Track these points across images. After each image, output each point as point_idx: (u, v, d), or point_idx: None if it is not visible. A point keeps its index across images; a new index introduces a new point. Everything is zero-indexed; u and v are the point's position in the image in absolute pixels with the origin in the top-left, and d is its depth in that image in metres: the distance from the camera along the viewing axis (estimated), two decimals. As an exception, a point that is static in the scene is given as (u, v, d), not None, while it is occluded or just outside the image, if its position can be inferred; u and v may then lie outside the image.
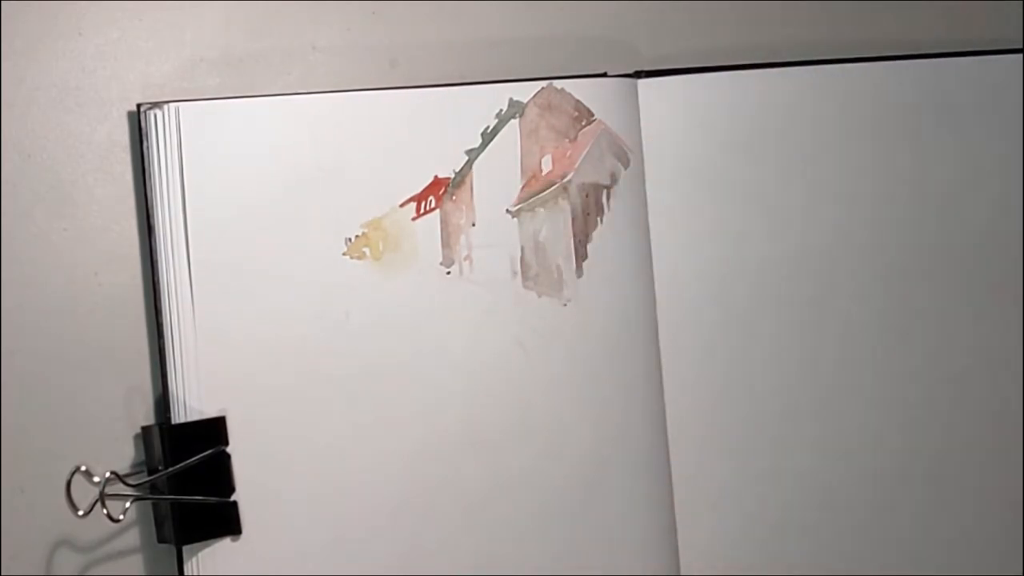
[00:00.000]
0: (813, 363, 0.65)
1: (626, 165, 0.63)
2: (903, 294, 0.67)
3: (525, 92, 0.62)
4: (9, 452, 0.57)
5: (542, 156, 0.62)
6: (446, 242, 0.60)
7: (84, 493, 0.54)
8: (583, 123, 0.62)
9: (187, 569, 0.56)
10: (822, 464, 0.66)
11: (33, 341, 0.57)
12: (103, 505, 0.54)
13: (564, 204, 0.62)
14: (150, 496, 0.56)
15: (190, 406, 0.56)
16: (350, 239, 0.59)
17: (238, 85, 0.60)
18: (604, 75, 0.63)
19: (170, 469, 0.55)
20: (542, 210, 0.62)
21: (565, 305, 0.62)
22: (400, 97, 0.60)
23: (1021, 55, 0.68)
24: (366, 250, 0.59)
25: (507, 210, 0.61)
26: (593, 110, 0.63)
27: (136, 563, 0.58)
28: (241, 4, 0.61)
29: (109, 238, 0.58)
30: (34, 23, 0.58)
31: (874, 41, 0.69)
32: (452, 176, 0.60)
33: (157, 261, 0.57)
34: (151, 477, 0.56)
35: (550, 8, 0.65)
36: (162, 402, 0.57)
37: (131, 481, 0.56)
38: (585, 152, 0.62)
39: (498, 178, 0.61)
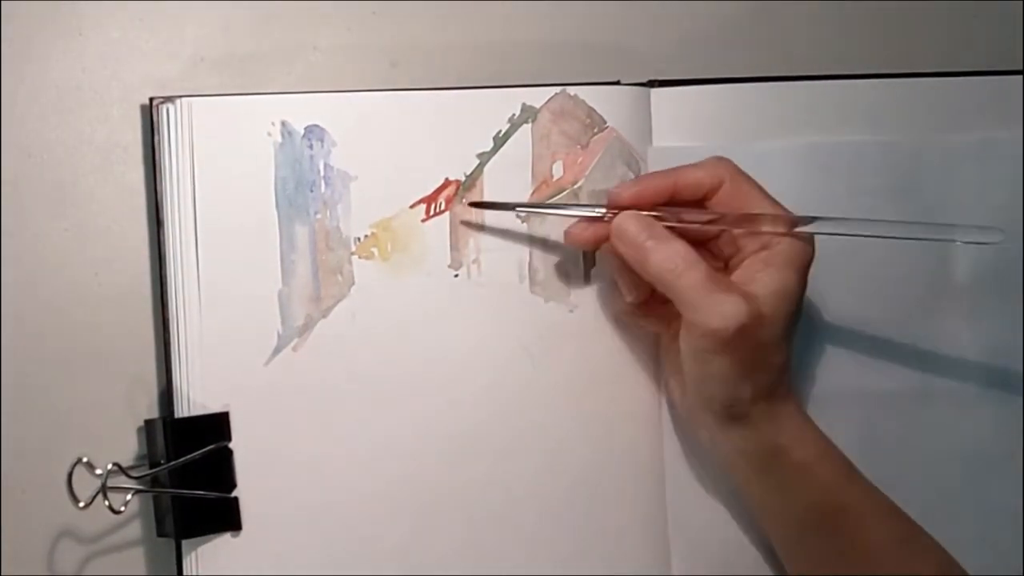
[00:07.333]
0: (811, 365, 0.65)
1: (636, 173, 0.63)
2: (903, 295, 0.66)
3: (538, 97, 0.62)
4: (11, 446, 0.57)
5: (553, 162, 0.62)
6: (455, 245, 0.60)
7: (86, 486, 0.54)
8: (595, 130, 0.62)
9: (186, 563, 0.56)
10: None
11: (34, 341, 0.57)
12: (104, 496, 0.54)
13: (574, 210, 0.62)
14: (151, 489, 0.56)
15: (193, 400, 0.56)
16: (359, 239, 0.59)
17: (239, 85, 0.60)
18: (617, 83, 0.63)
19: (172, 463, 0.55)
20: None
21: (571, 311, 0.62)
22: (414, 99, 0.60)
23: (1021, 76, 0.68)
24: (374, 250, 0.59)
25: (517, 214, 0.61)
26: (605, 117, 0.63)
27: (136, 556, 0.58)
28: (242, 4, 0.61)
29: (110, 238, 0.58)
30: (34, 23, 0.58)
31: (885, 57, 0.69)
32: (463, 179, 0.60)
33: (165, 255, 0.57)
34: (153, 470, 0.56)
35: (563, 15, 0.65)
36: (165, 396, 0.57)
37: (133, 474, 0.55)
38: (596, 159, 0.62)
39: (509, 182, 0.61)
